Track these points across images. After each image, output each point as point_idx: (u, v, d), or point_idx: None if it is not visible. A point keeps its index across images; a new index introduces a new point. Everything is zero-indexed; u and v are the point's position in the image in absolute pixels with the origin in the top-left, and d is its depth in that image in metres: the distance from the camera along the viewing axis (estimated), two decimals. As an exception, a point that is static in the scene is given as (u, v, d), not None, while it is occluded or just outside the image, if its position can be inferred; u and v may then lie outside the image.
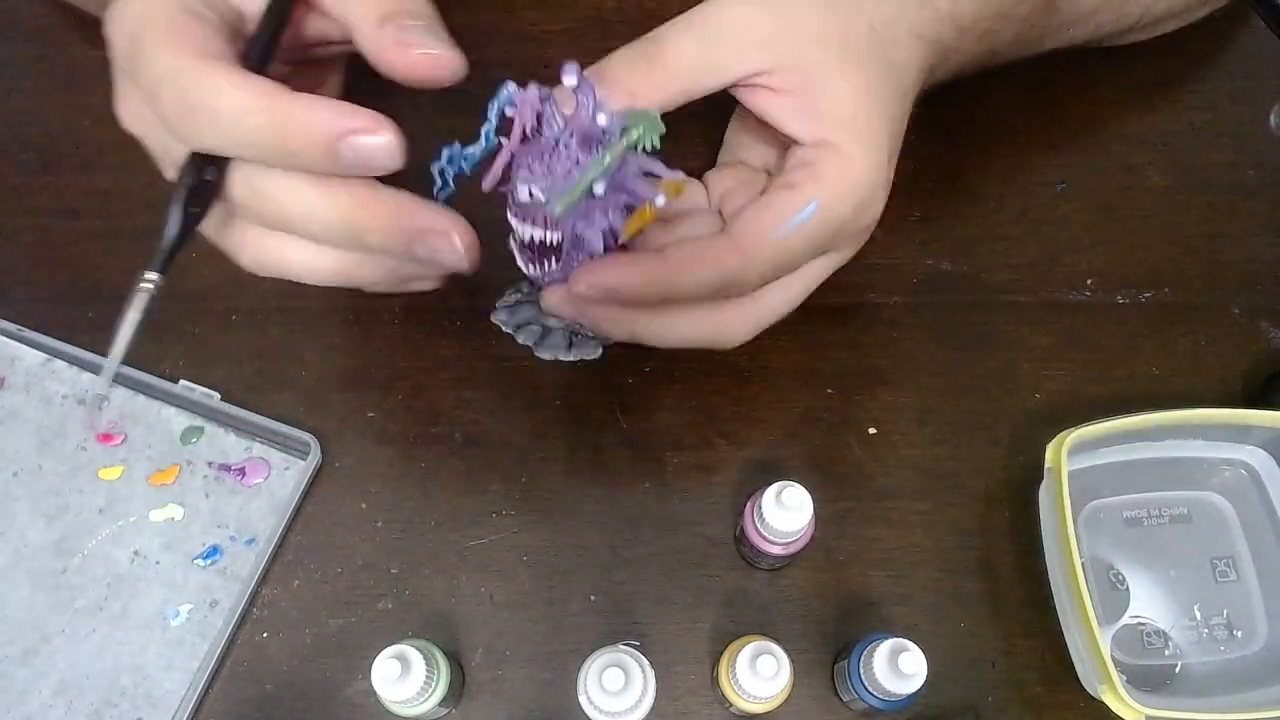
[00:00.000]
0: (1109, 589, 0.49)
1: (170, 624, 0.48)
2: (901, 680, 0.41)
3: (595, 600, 0.49)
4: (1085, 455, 0.49)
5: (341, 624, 0.48)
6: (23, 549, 0.49)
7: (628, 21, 0.60)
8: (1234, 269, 0.56)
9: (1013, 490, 0.51)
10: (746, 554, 0.48)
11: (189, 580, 0.49)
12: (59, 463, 0.50)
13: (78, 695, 0.47)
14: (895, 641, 0.42)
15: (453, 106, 0.41)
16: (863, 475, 0.51)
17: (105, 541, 0.49)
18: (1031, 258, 0.56)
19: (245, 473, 0.50)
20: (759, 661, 0.41)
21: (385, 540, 0.49)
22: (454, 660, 0.46)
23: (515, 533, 0.50)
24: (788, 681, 0.42)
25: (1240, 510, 0.50)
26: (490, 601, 0.49)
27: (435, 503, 0.50)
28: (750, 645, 0.42)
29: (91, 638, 0.48)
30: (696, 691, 0.47)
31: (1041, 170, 0.57)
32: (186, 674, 0.47)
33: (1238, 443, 0.50)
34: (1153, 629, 0.49)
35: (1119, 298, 0.55)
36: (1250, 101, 0.59)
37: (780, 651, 0.42)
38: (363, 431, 0.51)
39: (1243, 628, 0.49)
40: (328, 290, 0.41)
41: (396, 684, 0.40)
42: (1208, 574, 0.50)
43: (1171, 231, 0.56)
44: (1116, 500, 0.51)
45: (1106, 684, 0.43)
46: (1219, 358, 0.54)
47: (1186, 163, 0.58)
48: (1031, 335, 0.54)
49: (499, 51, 0.59)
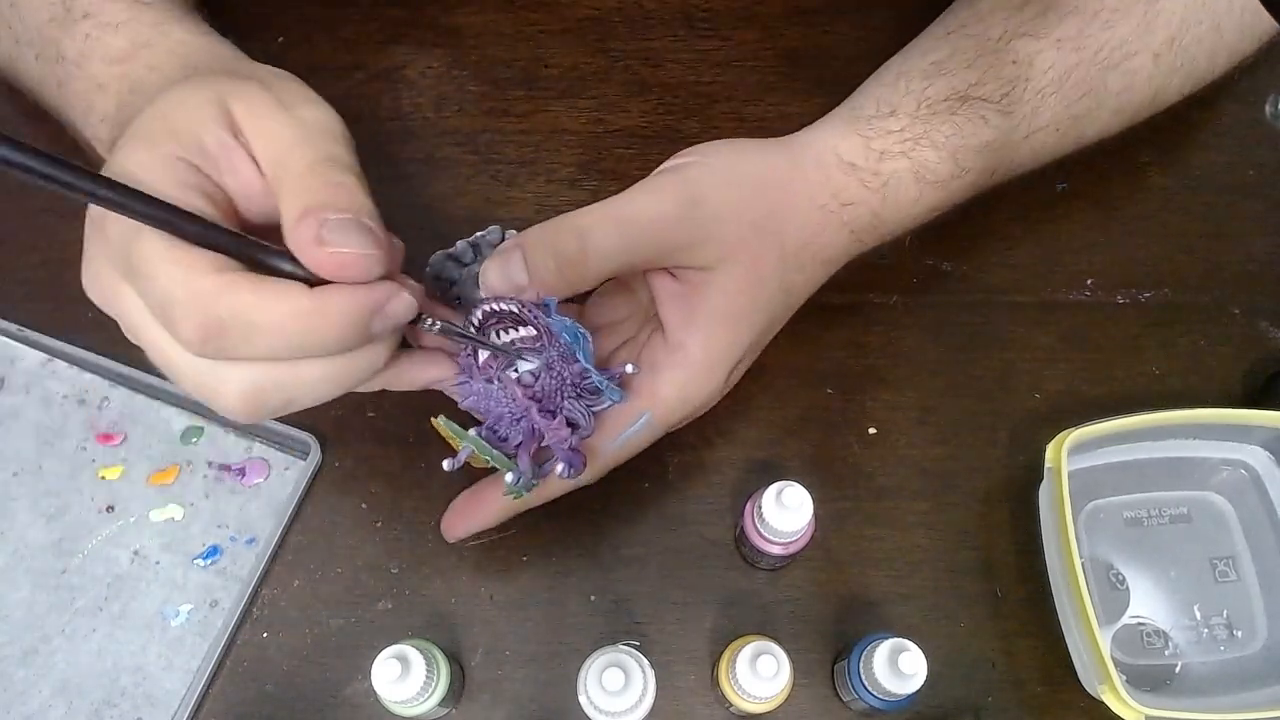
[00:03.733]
0: (1109, 589, 0.49)
1: (170, 624, 0.48)
2: (901, 680, 0.41)
3: (595, 600, 0.49)
4: (1085, 455, 0.49)
5: (341, 624, 0.48)
6: (23, 549, 0.49)
7: (628, 21, 0.60)
8: (1234, 269, 0.56)
9: (1013, 490, 0.51)
10: (746, 554, 0.48)
11: (189, 580, 0.49)
12: (59, 463, 0.50)
13: (78, 695, 0.47)
14: (895, 641, 0.42)
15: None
16: (863, 475, 0.51)
17: (105, 541, 0.49)
18: (1031, 258, 0.56)
19: (245, 473, 0.50)
20: (759, 661, 0.41)
21: (385, 540, 0.49)
22: (454, 660, 0.46)
23: (515, 533, 0.50)
24: (788, 681, 0.42)
25: (1240, 510, 0.50)
26: (490, 601, 0.49)
27: (435, 503, 0.50)
28: (750, 645, 0.42)
29: (91, 638, 0.48)
30: (696, 691, 0.47)
31: (1042, 170, 0.57)
32: (186, 674, 0.47)
33: (1238, 443, 0.50)
34: (1153, 629, 0.49)
35: (1119, 298, 0.55)
36: (1250, 101, 0.59)
37: (780, 651, 0.42)
38: (363, 431, 0.51)
39: (1243, 628, 0.49)
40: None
41: (396, 684, 0.40)
42: (1208, 574, 0.50)
43: (1171, 231, 0.56)
44: (1116, 500, 0.51)
45: (1106, 684, 0.43)
46: (1219, 358, 0.54)
47: (1186, 163, 0.58)
48: (1031, 335, 0.54)
49: (499, 51, 0.59)
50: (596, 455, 0.43)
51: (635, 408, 0.43)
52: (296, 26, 0.59)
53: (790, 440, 0.52)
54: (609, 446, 0.43)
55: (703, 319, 0.42)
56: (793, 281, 0.45)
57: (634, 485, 0.50)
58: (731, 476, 0.51)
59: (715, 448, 0.51)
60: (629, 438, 0.43)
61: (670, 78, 0.59)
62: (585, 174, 0.57)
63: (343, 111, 0.44)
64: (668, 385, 0.43)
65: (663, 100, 0.58)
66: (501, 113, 0.58)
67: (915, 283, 0.55)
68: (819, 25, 0.60)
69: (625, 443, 0.43)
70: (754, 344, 0.45)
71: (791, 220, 0.43)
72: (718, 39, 0.60)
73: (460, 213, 0.56)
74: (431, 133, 0.58)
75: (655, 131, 0.58)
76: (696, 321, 0.42)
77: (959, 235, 0.56)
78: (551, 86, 0.59)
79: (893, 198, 0.45)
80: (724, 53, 0.60)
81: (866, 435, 0.52)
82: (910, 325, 0.54)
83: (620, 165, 0.57)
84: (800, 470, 0.51)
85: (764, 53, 0.60)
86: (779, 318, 0.46)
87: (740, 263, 0.42)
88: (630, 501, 0.50)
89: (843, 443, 0.52)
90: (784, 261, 0.43)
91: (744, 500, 0.47)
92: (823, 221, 0.44)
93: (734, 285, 0.42)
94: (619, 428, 0.43)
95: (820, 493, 0.44)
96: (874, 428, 0.52)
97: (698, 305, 0.42)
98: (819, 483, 0.47)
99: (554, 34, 0.60)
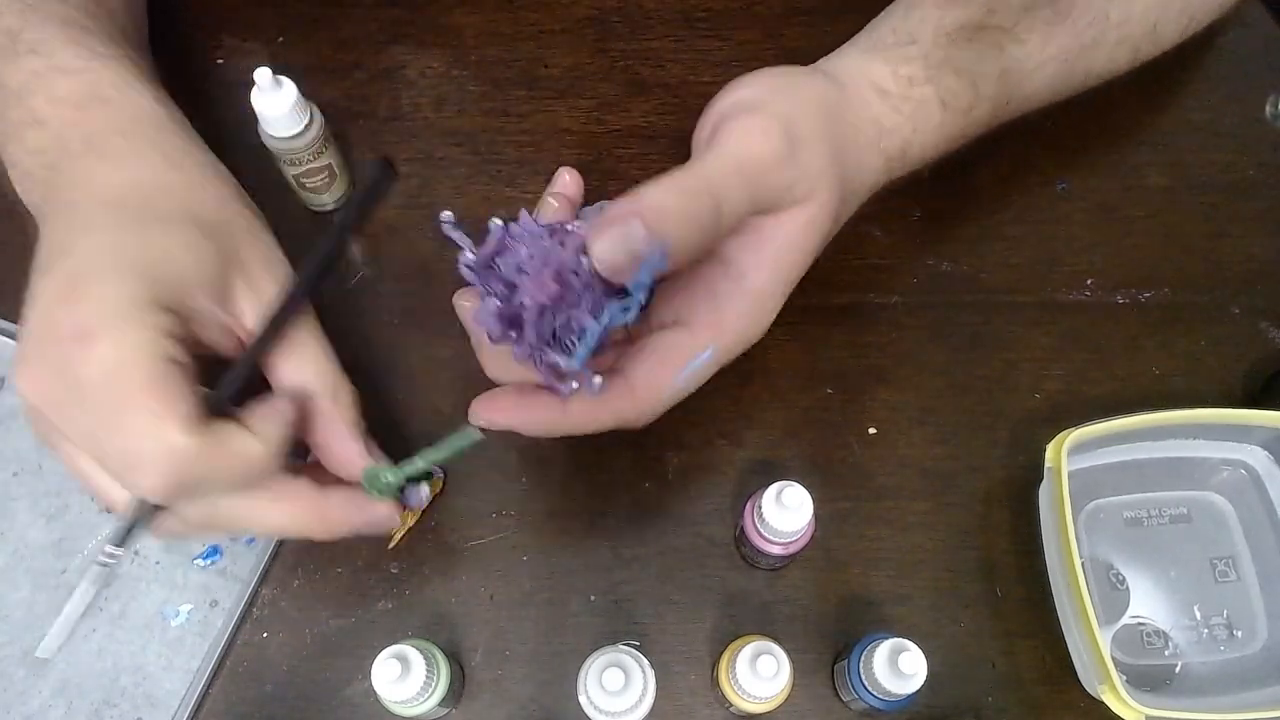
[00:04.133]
0: (1109, 589, 0.49)
1: (170, 624, 0.48)
2: (901, 680, 0.41)
3: (595, 600, 0.49)
4: (1085, 455, 0.49)
5: (341, 624, 0.48)
6: (23, 549, 0.49)
7: (627, 21, 0.60)
8: (1234, 269, 0.56)
9: (1013, 490, 0.51)
10: (746, 554, 0.48)
11: (189, 580, 0.49)
12: (59, 463, 0.50)
13: (78, 695, 0.47)
14: (895, 641, 0.42)
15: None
16: (863, 475, 0.51)
17: (105, 541, 0.49)
18: (1031, 258, 0.56)
19: (245, 473, 0.50)
20: (759, 661, 0.41)
21: (385, 540, 0.49)
22: (454, 660, 0.46)
23: (515, 533, 0.50)
24: (787, 682, 0.42)
25: (1240, 510, 0.50)
26: (490, 601, 0.49)
27: (435, 503, 0.50)
28: (750, 645, 0.42)
29: (91, 638, 0.48)
30: (696, 691, 0.47)
31: (1042, 170, 0.57)
32: (186, 674, 0.47)
33: (1238, 443, 0.50)
34: (1153, 629, 0.49)
35: (1119, 298, 0.55)
36: (1250, 101, 0.59)
37: (780, 651, 0.42)
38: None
39: (1243, 628, 0.49)
40: (327, 289, 0.41)
41: (396, 684, 0.40)
42: (1208, 574, 0.50)
43: (1171, 231, 0.56)
44: (1116, 500, 0.51)
45: (1107, 684, 0.43)
46: (1219, 358, 0.54)
47: (1186, 163, 0.58)
48: (1031, 335, 0.54)
49: (499, 51, 0.59)
50: (652, 394, 0.40)
51: (699, 340, 0.40)
52: (296, 26, 0.59)
53: (790, 440, 0.52)
54: (674, 381, 0.40)
55: (771, 250, 0.40)
56: (845, 214, 0.43)
57: (634, 485, 0.50)
58: (731, 476, 0.51)
59: (715, 448, 0.51)
60: (692, 372, 0.40)
61: (670, 78, 0.59)
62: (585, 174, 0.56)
63: (343, 111, 0.45)
64: (733, 317, 0.40)
65: (663, 100, 0.59)
66: (501, 113, 0.58)
67: (915, 283, 0.55)
68: (819, 25, 0.60)
69: (688, 378, 0.40)
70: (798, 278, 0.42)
71: (851, 152, 0.42)
72: (718, 39, 0.60)
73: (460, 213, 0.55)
74: (431, 133, 0.58)
75: (655, 131, 0.58)
76: (765, 252, 0.40)
77: (959, 235, 0.56)
78: (551, 86, 0.59)
79: (922, 124, 0.45)
80: (724, 53, 0.60)
81: (866, 435, 0.52)
82: (910, 325, 0.54)
83: (620, 165, 0.57)
84: (800, 470, 0.51)
85: (764, 53, 0.60)
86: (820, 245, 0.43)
87: (819, 197, 0.40)
88: (630, 501, 0.50)
89: (843, 443, 0.52)
90: (846, 194, 0.42)
91: (744, 500, 0.47)
92: (868, 150, 0.44)
93: (810, 219, 0.40)
94: (681, 361, 0.40)
95: (820, 493, 0.44)
96: (874, 428, 0.52)
97: (769, 237, 0.40)
98: (819, 483, 0.47)
99: (554, 34, 0.60)
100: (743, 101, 0.41)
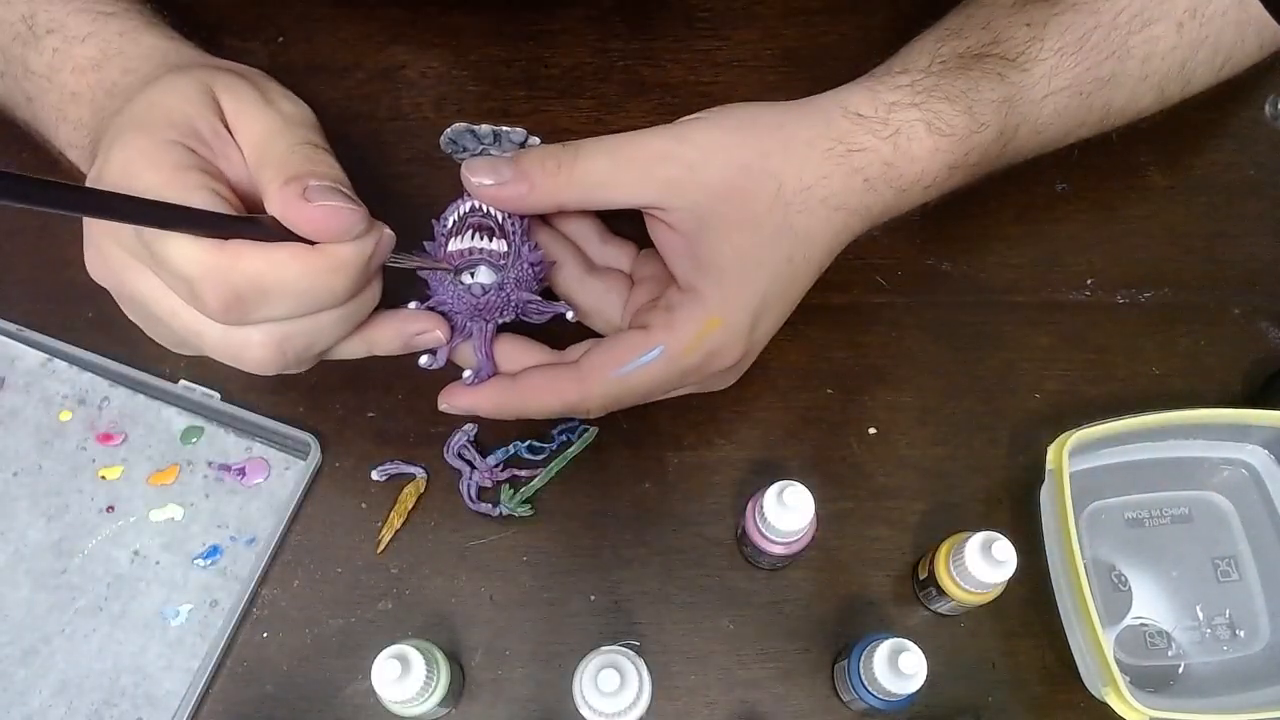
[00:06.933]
0: (1111, 590, 0.49)
1: (170, 624, 0.48)
2: (901, 680, 0.41)
3: (595, 600, 0.49)
4: (1086, 456, 0.49)
5: (341, 624, 0.48)
6: (23, 549, 0.49)
7: (628, 21, 0.60)
8: (1234, 269, 0.56)
9: (1013, 490, 0.51)
10: (747, 554, 0.48)
11: (189, 580, 0.49)
12: (59, 463, 0.50)
13: (78, 695, 0.47)
14: (895, 641, 0.42)
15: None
16: (863, 475, 0.51)
17: (105, 541, 0.49)
18: (1031, 258, 0.56)
19: (245, 473, 0.50)
20: (994, 547, 0.43)
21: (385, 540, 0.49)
22: (454, 660, 0.46)
23: (515, 533, 0.50)
24: (1014, 566, 0.43)
25: (1241, 510, 0.50)
26: (490, 601, 0.49)
27: (435, 503, 0.50)
28: (979, 535, 0.43)
29: (91, 638, 0.48)
30: (696, 691, 0.47)
31: (1042, 170, 0.57)
32: (186, 674, 0.47)
33: (1238, 442, 0.50)
34: (1155, 630, 0.49)
35: (1119, 298, 0.55)
36: (1250, 101, 0.59)
37: (1008, 544, 0.43)
38: (363, 431, 0.51)
39: (1245, 627, 0.49)
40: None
41: (396, 684, 0.40)
42: (1210, 574, 0.50)
43: (1171, 231, 0.56)
44: (1118, 501, 0.51)
45: (1110, 685, 0.43)
46: (1219, 358, 0.54)
47: (1186, 163, 0.58)
48: (1031, 335, 0.54)
49: (499, 51, 0.59)
50: (596, 381, 0.43)
51: (651, 339, 0.43)
52: (296, 26, 0.59)
53: (790, 440, 0.52)
54: (613, 373, 0.43)
55: (708, 263, 0.43)
56: (797, 224, 0.43)
57: (634, 485, 0.50)
58: (732, 476, 0.51)
59: (715, 448, 0.51)
60: (637, 368, 0.43)
61: (670, 78, 0.59)
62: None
63: (343, 111, 0.45)
64: (683, 320, 0.43)
65: (663, 100, 0.58)
66: (501, 113, 0.58)
67: (915, 283, 0.55)
68: (819, 25, 0.60)
69: (633, 373, 0.43)
70: (774, 292, 0.44)
71: (789, 161, 0.43)
72: (718, 39, 0.60)
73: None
74: (431, 133, 0.57)
75: (655, 132, 0.58)
76: (702, 266, 0.43)
77: (959, 235, 0.56)
78: (551, 86, 0.59)
79: (905, 147, 0.44)
80: (724, 53, 0.60)
81: (866, 435, 0.52)
82: (910, 325, 0.54)
83: (620, 165, 0.57)
84: (800, 470, 0.51)
85: (764, 53, 0.60)
86: (797, 264, 0.44)
87: (731, 204, 0.42)
88: (630, 501, 0.50)
89: (843, 443, 0.52)
90: (782, 202, 0.43)
91: (744, 500, 0.47)
92: (827, 165, 0.43)
93: (727, 226, 0.42)
94: (628, 356, 0.43)
95: (821, 493, 0.44)
96: (874, 428, 0.52)
97: (701, 252, 0.43)
98: (819, 483, 0.47)
99: (554, 34, 0.60)
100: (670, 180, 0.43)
